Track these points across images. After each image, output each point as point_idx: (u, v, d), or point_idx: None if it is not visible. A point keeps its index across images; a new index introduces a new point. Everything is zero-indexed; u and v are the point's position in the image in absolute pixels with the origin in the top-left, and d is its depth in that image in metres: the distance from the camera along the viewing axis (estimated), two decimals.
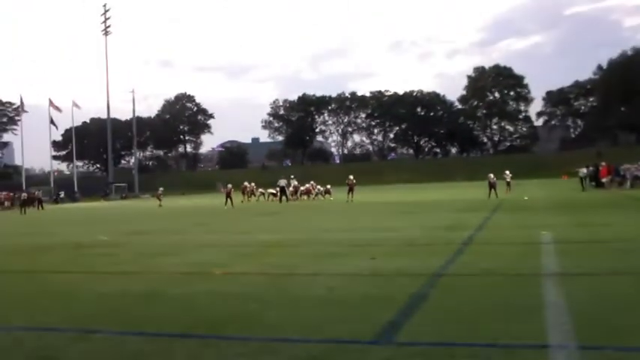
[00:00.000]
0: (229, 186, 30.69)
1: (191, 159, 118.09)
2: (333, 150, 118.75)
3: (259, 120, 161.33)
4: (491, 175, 27.48)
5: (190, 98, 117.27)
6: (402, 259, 8.69)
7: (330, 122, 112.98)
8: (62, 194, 61.27)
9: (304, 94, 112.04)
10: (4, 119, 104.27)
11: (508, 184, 30.41)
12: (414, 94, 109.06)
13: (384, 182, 72.94)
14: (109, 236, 14.80)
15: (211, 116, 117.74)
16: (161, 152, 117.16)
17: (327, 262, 8.67)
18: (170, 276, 8.09)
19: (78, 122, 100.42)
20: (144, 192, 70.06)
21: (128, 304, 6.36)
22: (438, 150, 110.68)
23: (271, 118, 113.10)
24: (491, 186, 27.01)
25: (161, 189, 37.03)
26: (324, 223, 16.62)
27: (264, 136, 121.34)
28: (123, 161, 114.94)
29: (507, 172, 31.36)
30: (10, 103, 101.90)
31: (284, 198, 32.05)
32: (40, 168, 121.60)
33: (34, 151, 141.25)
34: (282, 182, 33.15)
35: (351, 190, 30.52)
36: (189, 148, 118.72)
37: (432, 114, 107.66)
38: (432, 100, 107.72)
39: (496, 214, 17.00)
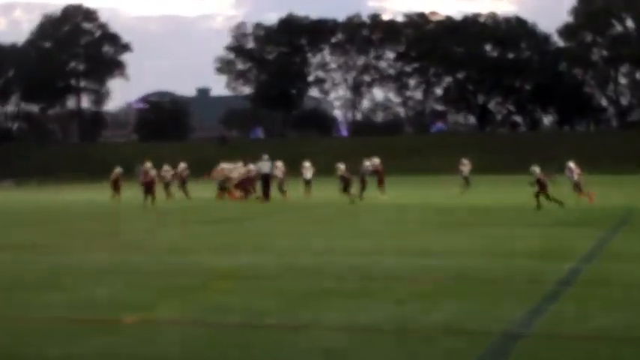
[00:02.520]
0: (151, 170, 32.60)
1: (89, 121, 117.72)
2: (337, 114, 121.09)
3: (211, 58, 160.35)
4: (571, 165, 29.16)
5: (89, 14, 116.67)
6: (449, 304, 9.09)
7: (332, 65, 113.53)
8: None
9: (290, 15, 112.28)
10: None
11: None
12: (481, 19, 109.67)
13: (423, 170, 75.13)
14: None
15: (126, 48, 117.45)
16: (35, 107, 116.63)
17: (320, 307, 9.08)
18: (43, 325, 8.43)
19: None
20: (3, 177, 72.00)
21: None
22: (518, 118, 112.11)
23: (232, 56, 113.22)
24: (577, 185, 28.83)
25: None
26: (319, 238, 17.57)
27: (218, 87, 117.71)
28: None
29: None
30: None
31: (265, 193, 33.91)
32: None
33: None
34: (266, 166, 34.92)
35: (380, 180, 33.51)
36: (85, 103, 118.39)
37: (511, 55, 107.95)
38: (512, 32, 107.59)
39: (620, 232, 18.01)
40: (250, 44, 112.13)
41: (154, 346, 7.35)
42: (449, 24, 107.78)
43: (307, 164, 38.02)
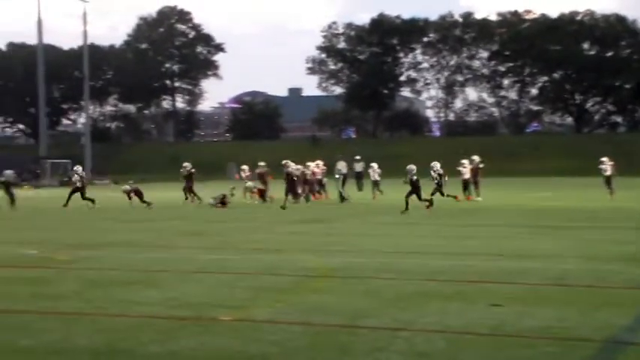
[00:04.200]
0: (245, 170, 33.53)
1: (183, 121, 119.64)
2: (430, 114, 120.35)
3: (302, 59, 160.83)
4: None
5: (184, 16, 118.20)
6: (545, 308, 8.90)
7: (425, 65, 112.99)
8: None
9: (381, 15, 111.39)
10: None
11: None
12: (579, 17, 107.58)
13: (518, 172, 74.32)
14: (41, 250, 15.61)
15: (220, 49, 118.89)
16: (132, 108, 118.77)
17: (413, 308, 9.01)
18: (141, 321, 8.49)
19: None
20: (102, 175, 72.81)
21: None
22: (618, 119, 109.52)
23: (324, 56, 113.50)
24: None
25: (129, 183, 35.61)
26: (411, 239, 17.55)
27: (310, 87, 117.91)
28: (65, 121, 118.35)
29: None
30: None
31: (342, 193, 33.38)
32: None
33: None
34: (342, 166, 35.35)
35: (476, 182, 33.07)
36: (180, 103, 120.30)
37: (609, 54, 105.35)
38: (611, 29, 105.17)
39: None
40: (342, 44, 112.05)
41: (251, 345, 7.31)
42: (544, 22, 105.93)
43: (375, 165, 37.38)
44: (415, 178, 26.29)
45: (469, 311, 8.76)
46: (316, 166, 35.10)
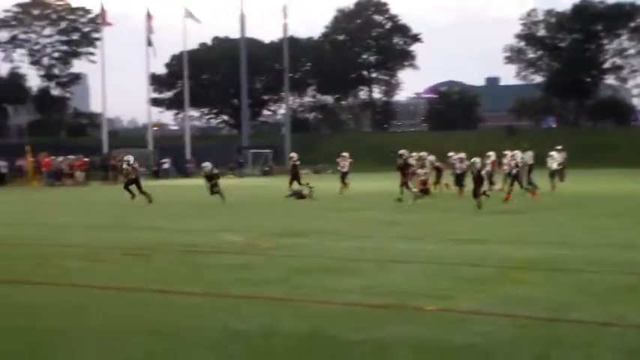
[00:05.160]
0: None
1: (380, 111, 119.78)
2: (637, 103, 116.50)
3: (500, 47, 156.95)
4: None
5: (381, 7, 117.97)
6: None
7: (631, 51, 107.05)
8: (167, 164, 65.39)
9: (584, 1, 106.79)
10: (76, 36, 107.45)
11: None
12: None
13: None
14: (244, 237, 16.01)
15: (417, 39, 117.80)
16: (329, 98, 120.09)
17: (622, 302, 8.63)
18: (344, 309, 8.56)
19: (193, 45, 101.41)
20: (301, 165, 71.47)
21: (276, 354, 6.81)
22: None
23: (522, 44, 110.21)
24: None
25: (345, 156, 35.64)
26: (621, 232, 16.46)
27: (508, 76, 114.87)
28: (266, 111, 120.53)
29: None
30: (86, 11, 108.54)
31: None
32: (130, 119, 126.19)
33: (120, 90, 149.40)
34: (529, 156, 33.82)
35: None
36: (376, 94, 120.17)
37: None
38: None
39: None
40: (541, 32, 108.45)
41: (456, 335, 7.24)
42: None
43: (555, 154, 35.64)
44: (479, 171, 24.03)
45: None
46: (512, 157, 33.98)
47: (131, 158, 29.19)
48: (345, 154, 35.05)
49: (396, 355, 6.65)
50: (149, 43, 68.26)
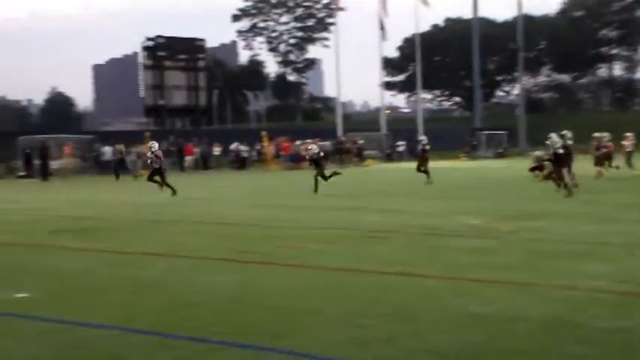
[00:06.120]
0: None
1: (621, 89, 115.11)
2: None
3: None
4: None
5: None
6: None
7: None
8: (402, 146, 64.99)
9: None
10: (311, 22, 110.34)
11: None
12: None
13: None
14: (481, 219, 16.00)
15: None
16: (566, 77, 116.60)
17: None
18: (588, 295, 8.33)
19: (425, 27, 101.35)
20: (535, 145, 69.94)
21: (518, 339, 6.71)
22: None
23: None
24: None
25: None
26: None
27: None
28: (499, 93, 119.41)
29: None
30: None
31: None
32: (362, 102, 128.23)
33: (352, 74, 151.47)
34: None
35: None
36: (617, 71, 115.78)
37: None
38: None
39: None
40: None
41: None
42: None
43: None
44: (561, 151, 21.78)
45: None
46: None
47: (155, 146, 25.64)
48: (629, 133, 34.02)
49: None
50: (381, 27, 68.95)
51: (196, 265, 10.93)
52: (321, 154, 27.69)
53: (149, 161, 26.19)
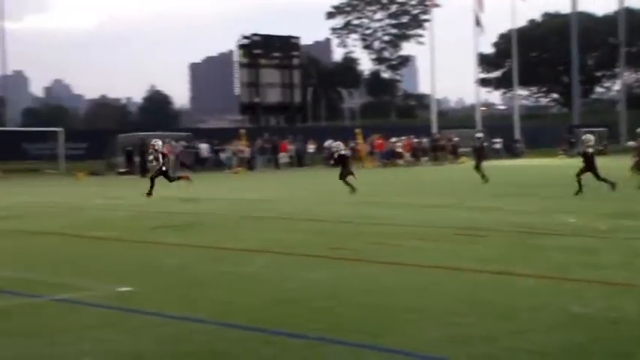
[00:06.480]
0: None
1: None
2: None
3: None
4: None
5: None
6: None
7: None
8: (499, 144, 65.03)
9: None
10: (405, 19, 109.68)
11: None
12: None
13: None
14: (579, 218, 15.75)
15: None
16: None
17: None
18: None
19: (521, 22, 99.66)
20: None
21: (622, 342, 6.56)
22: None
23: None
24: None
25: None
26: None
27: None
28: (599, 89, 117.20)
29: None
30: None
31: None
32: (457, 99, 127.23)
33: (447, 71, 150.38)
34: None
35: None
36: None
37: None
38: None
39: None
40: None
41: None
42: None
43: None
44: (591, 150, 21.30)
45: None
46: None
47: (159, 143, 24.12)
48: None
49: None
50: (477, 23, 68.24)
51: (291, 262, 11.04)
52: (348, 153, 26.78)
53: (152, 159, 24.18)
